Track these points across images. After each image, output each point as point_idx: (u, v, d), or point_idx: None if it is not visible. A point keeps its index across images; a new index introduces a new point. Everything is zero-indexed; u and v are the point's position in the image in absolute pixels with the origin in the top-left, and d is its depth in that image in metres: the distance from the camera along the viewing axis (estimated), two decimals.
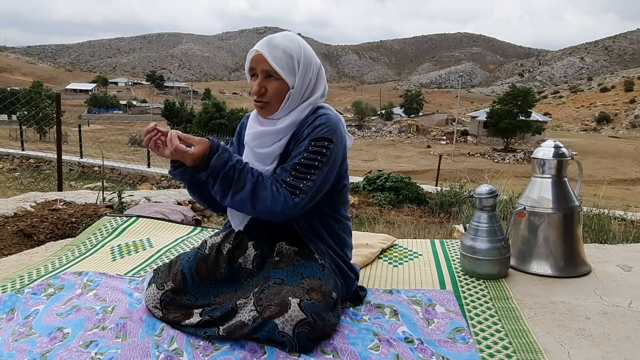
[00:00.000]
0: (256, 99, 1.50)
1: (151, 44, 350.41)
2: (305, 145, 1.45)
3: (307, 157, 1.44)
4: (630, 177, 25.22)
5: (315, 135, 1.45)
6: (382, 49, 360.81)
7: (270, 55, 1.44)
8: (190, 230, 2.69)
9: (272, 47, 1.45)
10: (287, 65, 1.46)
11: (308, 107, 1.51)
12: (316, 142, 1.45)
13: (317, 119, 1.49)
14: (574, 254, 1.97)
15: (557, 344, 1.40)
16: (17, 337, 1.42)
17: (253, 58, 1.48)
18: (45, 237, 3.08)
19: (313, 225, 1.57)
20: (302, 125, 1.50)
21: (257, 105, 1.51)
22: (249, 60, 1.50)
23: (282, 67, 1.45)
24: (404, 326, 1.47)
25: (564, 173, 2.01)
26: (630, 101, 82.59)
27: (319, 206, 1.53)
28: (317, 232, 1.58)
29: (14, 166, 13.68)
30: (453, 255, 2.20)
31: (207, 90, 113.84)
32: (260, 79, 1.47)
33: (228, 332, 1.35)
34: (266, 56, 1.44)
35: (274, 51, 1.45)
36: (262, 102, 1.49)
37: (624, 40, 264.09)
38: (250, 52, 1.50)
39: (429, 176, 16.93)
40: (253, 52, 1.48)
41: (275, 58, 1.44)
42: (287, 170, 1.44)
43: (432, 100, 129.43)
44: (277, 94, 1.47)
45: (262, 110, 1.51)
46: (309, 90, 1.51)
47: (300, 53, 1.48)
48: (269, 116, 1.52)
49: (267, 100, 1.48)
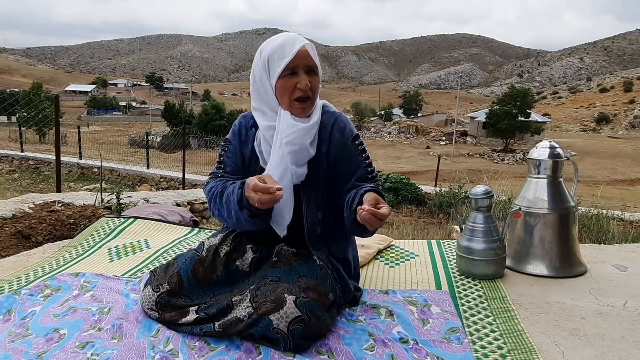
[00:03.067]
0: (303, 95, 1.47)
1: (150, 46, 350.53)
2: (350, 149, 1.57)
3: (365, 157, 1.59)
4: (629, 177, 25.25)
5: (350, 135, 1.58)
6: (381, 50, 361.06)
7: (312, 51, 1.48)
8: (187, 232, 2.69)
9: (308, 44, 1.49)
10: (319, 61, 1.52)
11: (320, 103, 1.58)
12: (356, 140, 1.59)
13: (338, 118, 1.59)
14: (570, 254, 1.98)
15: (552, 344, 1.41)
16: (13, 338, 1.43)
17: (299, 54, 1.45)
18: (43, 238, 3.09)
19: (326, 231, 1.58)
20: (322, 125, 1.56)
21: (300, 105, 1.48)
22: (289, 57, 1.44)
23: (318, 61, 1.51)
24: (399, 326, 1.48)
25: (560, 173, 2.01)
26: (630, 101, 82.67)
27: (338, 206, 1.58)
28: (326, 239, 1.59)
29: (13, 167, 13.68)
30: (449, 255, 2.20)
31: (207, 91, 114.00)
32: (305, 74, 1.47)
33: (224, 328, 1.35)
34: (310, 51, 1.47)
35: (311, 47, 1.49)
36: (308, 98, 1.48)
37: (623, 40, 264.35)
38: (290, 49, 1.44)
39: (428, 177, 16.95)
40: (296, 47, 1.44)
41: (315, 53, 1.49)
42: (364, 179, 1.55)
43: (432, 101, 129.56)
44: (317, 89, 1.52)
45: (306, 109, 1.51)
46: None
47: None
48: (308, 113, 1.53)
49: (311, 95, 1.50)
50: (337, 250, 1.62)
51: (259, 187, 1.30)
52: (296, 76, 1.46)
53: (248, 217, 1.40)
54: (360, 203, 1.37)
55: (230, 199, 1.42)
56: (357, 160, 1.56)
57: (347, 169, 1.56)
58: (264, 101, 1.54)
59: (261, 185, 1.30)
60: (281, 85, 1.48)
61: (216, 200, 1.49)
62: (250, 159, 1.59)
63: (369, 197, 1.36)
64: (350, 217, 1.44)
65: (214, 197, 1.50)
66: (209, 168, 13.09)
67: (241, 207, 1.39)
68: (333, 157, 1.56)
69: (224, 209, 1.46)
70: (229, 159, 1.62)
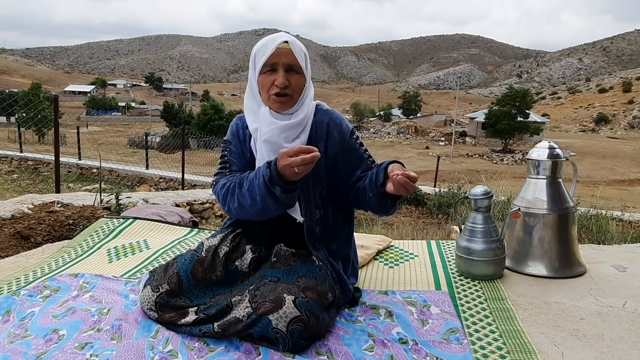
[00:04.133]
0: (280, 92, 1.47)
1: (150, 46, 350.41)
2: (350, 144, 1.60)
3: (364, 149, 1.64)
4: (628, 177, 25.26)
5: (347, 131, 1.61)
6: (380, 51, 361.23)
7: (295, 49, 1.48)
8: (187, 232, 2.69)
9: (293, 42, 1.49)
10: (305, 60, 1.52)
11: (311, 103, 1.57)
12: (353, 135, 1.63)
13: (332, 116, 1.61)
14: (569, 254, 1.98)
15: (551, 345, 1.41)
16: (12, 339, 1.43)
17: (277, 52, 1.46)
18: (42, 239, 3.08)
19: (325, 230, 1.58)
20: (317, 124, 1.56)
21: (278, 99, 1.49)
22: (268, 54, 1.46)
23: (302, 61, 1.50)
24: (399, 327, 1.48)
25: (559, 174, 2.01)
26: (629, 102, 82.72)
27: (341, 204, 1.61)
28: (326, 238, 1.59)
29: (12, 168, 13.66)
30: (449, 256, 2.20)
31: (206, 91, 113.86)
32: (283, 72, 1.47)
33: (223, 329, 1.35)
34: (293, 49, 1.47)
35: (296, 46, 1.49)
36: (286, 95, 1.48)
37: (622, 41, 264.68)
38: (269, 46, 1.47)
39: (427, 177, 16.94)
40: (275, 44, 1.46)
41: (298, 53, 1.49)
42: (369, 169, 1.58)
43: (431, 102, 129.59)
44: (299, 88, 1.51)
45: (283, 105, 1.50)
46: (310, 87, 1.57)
47: (306, 52, 1.55)
48: (286, 111, 1.52)
49: (290, 93, 1.49)
50: (336, 250, 1.62)
51: (294, 150, 1.29)
52: (275, 73, 1.48)
53: (281, 193, 1.34)
54: (385, 177, 1.44)
55: (254, 184, 1.39)
56: (358, 153, 1.61)
57: (350, 163, 1.60)
58: (253, 98, 1.57)
59: (297, 148, 1.29)
60: (261, 81, 1.50)
61: (234, 191, 1.45)
62: (250, 158, 1.61)
63: (397, 166, 1.44)
64: (378, 193, 1.47)
65: (231, 190, 1.46)
66: (208, 168, 13.11)
67: (273, 185, 1.34)
68: (333, 155, 1.57)
69: (247, 197, 1.41)
70: (234, 158, 1.61)
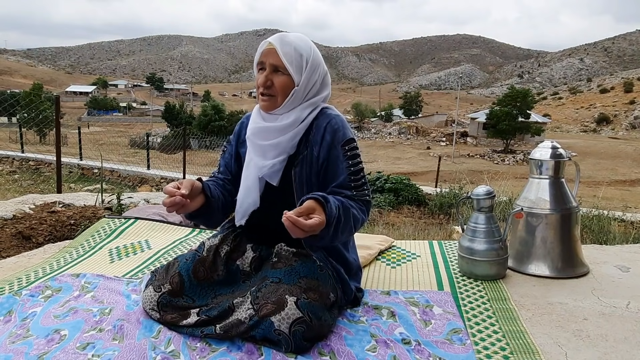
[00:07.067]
0: (262, 91, 1.51)
1: (151, 46, 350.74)
2: (338, 153, 1.51)
3: (352, 164, 1.51)
4: (630, 178, 25.22)
5: (341, 139, 1.52)
6: (381, 51, 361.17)
7: (281, 50, 1.47)
8: (188, 232, 2.69)
9: (284, 43, 1.48)
10: (296, 62, 1.49)
11: (309, 107, 1.54)
12: (347, 145, 1.52)
13: (331, 121, 1.54)
14: (572, 254, 1.97)
15: (555, 345, 1.40)
16: (14, 339, 1.42)
17: (264, 51, 1.49)
18: (43, 239, 3.08)
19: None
20: (315, 127, 1.53)
21: (262, 98, 1.52)
22: (259, 53, 1.51)
23: (291, 62, 1.48)
24: (401, 327, 1.47)
25: (562, 174, 2.01)
26: (630, 102, 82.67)
27: None
28: None
29: (14, 168, 13.67)
30: (451, 256, 2.19)
31: (207, 92, 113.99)
32: (268, 72, 1.49)
33: (225, 331, 1.35)
34: (277, 49, 1.47)
35: (285, 47, 1.48)
36: (268, 95, 1.50)
37: (623, 41, 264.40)
38: (261, 45, 1.51)
39: (428, 177, 16.94)
40: (265, 44, 1.50)
41: (286, 54, 1.47)
42: (345, 186, 1.49)
43: (432, 102, 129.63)
44: (282, 89, 1.49)
45: (266, 104, 1.52)
46: (312, 91, 1.54)
47: (310, 54, 1.52)
48: (271, 111, 1.53)
49: (273, 93, 1.50)
50: (336, 250, 1.61)
51: (166, 189, 1.37)
52: (263, 72, 1.50)
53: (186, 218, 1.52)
54: None
55: None
56: (341, 166, 1.51)
57: (328, 172, 1.53)
58: None
59: (168, 188, 1.37)
60: (256, 79, 1.54)
61: None
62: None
63: (305, 205, 1.30)
64: None
65: None
66: (209, 169, 13.13)
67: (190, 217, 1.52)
68: (323, 159, 1.53)
69: None
70: (224, 159, 1.71)
